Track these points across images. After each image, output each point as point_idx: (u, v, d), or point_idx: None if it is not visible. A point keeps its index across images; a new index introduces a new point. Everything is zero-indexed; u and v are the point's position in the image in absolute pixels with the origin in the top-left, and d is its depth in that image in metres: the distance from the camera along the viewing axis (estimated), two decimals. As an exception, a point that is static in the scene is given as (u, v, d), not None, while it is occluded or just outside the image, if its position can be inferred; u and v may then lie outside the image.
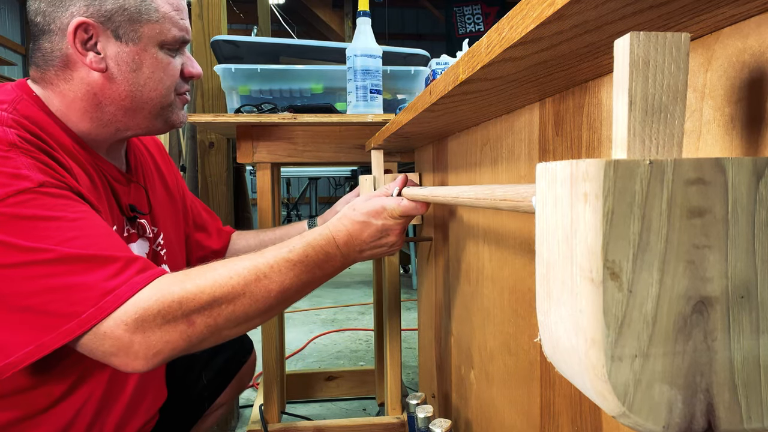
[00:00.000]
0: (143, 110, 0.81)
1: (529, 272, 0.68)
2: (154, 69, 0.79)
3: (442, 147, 1.11)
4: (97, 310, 0.60)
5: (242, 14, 6.08)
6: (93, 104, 0.77)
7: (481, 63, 0.45)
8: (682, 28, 0.35)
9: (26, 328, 0.61)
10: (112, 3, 0.75)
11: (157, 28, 0.78)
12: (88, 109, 0.77)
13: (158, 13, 0.78)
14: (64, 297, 0.60)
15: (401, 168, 1.41)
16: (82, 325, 0.60)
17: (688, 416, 0.25)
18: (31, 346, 0.61)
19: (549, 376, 0.64)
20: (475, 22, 5.68)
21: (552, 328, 0.28)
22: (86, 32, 0.74)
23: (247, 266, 0.69)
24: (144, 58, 0.78)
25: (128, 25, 0.76)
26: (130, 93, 0.78)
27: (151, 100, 0.80)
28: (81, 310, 0.60)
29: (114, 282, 0.62)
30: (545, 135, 0.63)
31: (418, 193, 0.75)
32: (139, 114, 0.81)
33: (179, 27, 0.81)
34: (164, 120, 0.84)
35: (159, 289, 0.63)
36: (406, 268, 4.64)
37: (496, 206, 0.43)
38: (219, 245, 1.14)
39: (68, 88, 0.76)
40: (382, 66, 1.35)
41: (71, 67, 0.76)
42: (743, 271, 0.25)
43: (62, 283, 0.60)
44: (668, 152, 0.26)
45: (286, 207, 6.26)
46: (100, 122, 0.79)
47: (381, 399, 1.81)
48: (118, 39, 0.76)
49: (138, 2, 0.76)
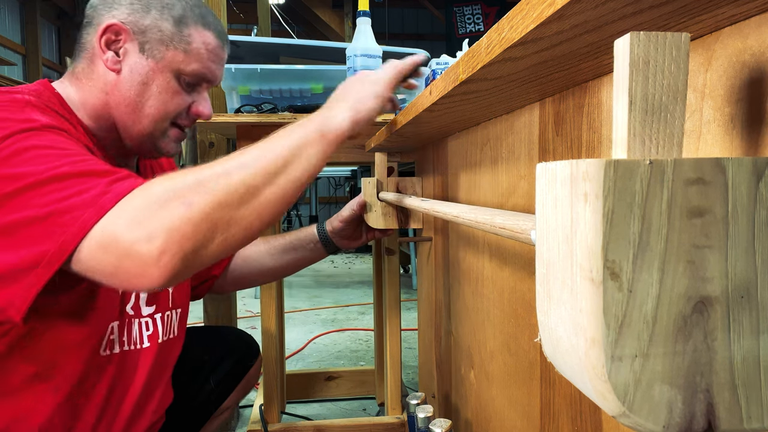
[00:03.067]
0: (139, 124, 0.82)
1: (529, 272, 0.68)
2: (162, 91, 0.82)
3: (442, 147, 1.11)
4: (94, 210, 0.58)
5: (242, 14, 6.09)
6: (102, 102, 0.81)
7: (481, 63, 0.45)
8: (682, 28, 0.35)
9: (29, 244, 0.60)
10: (151, 20, 0.80)
11: (181, 57, 0.81)
12: (98, 106, 0.81)
13: (189, 46, 0.82)
14: (60, 210, 0.59)
15: (401, 168, 1.41)
16: (83, 227, 0.58)
17: (688, 416, 0.25)
18: (37, 267, 0.59)
19: (549, 376, 0.64)
20: (475, 22, 5.68)
21: (552, 328, 0.28)
22: (116, 35, 0.79)
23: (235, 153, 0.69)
24: (157, 77, 0.81)
25: (156, 44, 0.80)
26: (133, 102, 0.81)
27: (148, 116, 0.82)
28: (78, 214, 0.58)
29: (107, 188, 0.61)
30: (545, 135, 0.63)
31: (419, 206, 0.76)
32: (134, 127, 0.83)
33: (203, 65, 0.84)
34: (152, 143, 0.85)
35: (148, 185, 0.61)
36: (406, 268, 4.63)
37: (495, 233, 0.43)
38: None
39: (87, 85, 0.81)
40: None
41: (94, 62, 0.80)
42: (743, 271, 0.25)
43: (57, 197, 0.60)
44: (668, 152, 0.26)
45: (286, 207, 6.25)
46: (106, 122, 0.82)
47: (381, 399, 1.81)
48: (142, 52, 0.80)
49: (173, 30, 0.81)
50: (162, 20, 0.80)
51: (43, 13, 6.36)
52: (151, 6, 0.80)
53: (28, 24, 6.09)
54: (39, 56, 6.14)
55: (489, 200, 0.82)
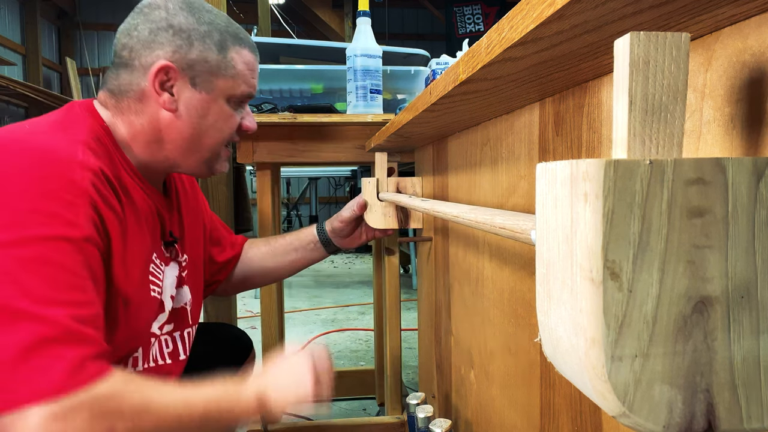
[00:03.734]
0: (197, 154, 0.85)
1: (529, 272, 0.68)
2: (218, 119, 0.84)
3: (442, 147, 1.11)
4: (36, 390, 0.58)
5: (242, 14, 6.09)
6: (155, 139, 0.82)
7: (481, 63, 0.45)
8: (682, 28, 0.35)
9: None
10: (197, 53, 0.80)
11: (230, 83, 0.83)
12: (150, 142, 0.82)
13: (235, 70, 0.83)
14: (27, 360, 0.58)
15: (401, 168, 1.41)
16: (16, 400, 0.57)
17: (688, 416, 0.25)
18: None
19: (549, 376, 0.64)
20: (475, 22, 5.68)
21: (552, 328, 0.28)
22: (167, 75, 0.79)
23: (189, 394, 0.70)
24: (212, 107, 0.83)
25: (206, 75, 0.81)
26: (191, 136, 0.83)
27: (207, 146, 0.85)
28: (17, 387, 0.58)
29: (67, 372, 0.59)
30: (545, 135, 0.63)
31: (419, 206, 0.76)
32: (192, 157, 0.85)
33: (249, 84, 0.86)
34: (209, 167, 0.88)
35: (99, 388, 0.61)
36: (406, 268, 4.64)
37: (495, 233, 0.43)
38: (232, 255, 1.14)
39: (136, 120, 0.81)
40: (382, 66, 1.35)
41: (144, 101, 0.80)
42: (743, 271, 0.25)
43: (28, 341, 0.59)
44: (668, 152, 0.26)
45: (286, 207, 6.26)
46: (156, 157, 0.83)
47: (381, 399, 1.81)
48: (193, 86, 0.81)
49: (219, 57, 0.81)
50: (206, 50, 0.80)
51: (43, 13, 6.36)
52: (193, 38, 0.79)
53: (28, 24, 6.09)
54: (39, 56, 6.14)
55: (489, 200, 0.82)
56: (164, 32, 0.78)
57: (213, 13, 0.83)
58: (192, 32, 0.79)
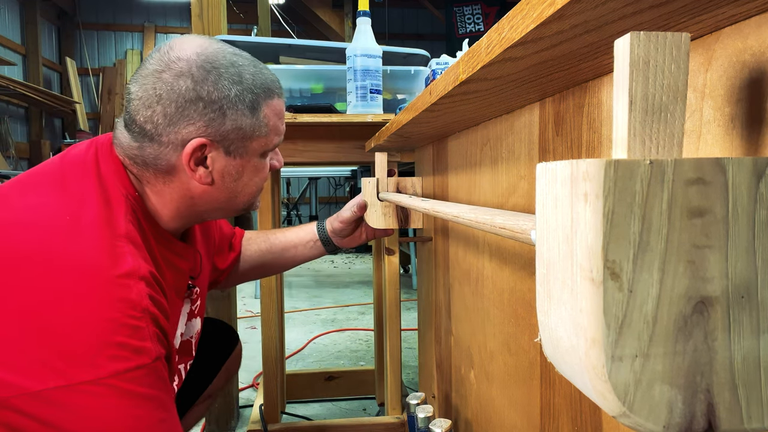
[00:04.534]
0: (232, 210, 0.83)
1: (529, 272, 0.68)
2: (253, 176, 0.81)
3: (442, 147, 1.11)
4: None
5: (242, 14, 6.09)
6: (188, 206, 0.79)
7: (481, 63, 0.45)
8: (682, 28, 0.35)
9: None
10: (231, 124, 0.73)
11: (264, 141, 0.79)
12: (182, 209, 0.79)
13: (267, 127, 0.78)
14: None
15: (401, 168, 1.41)
16: None
17: (689, 416, 0.25)
18: None
19: (549, 376, 0.64)
20: (475, 22, 5.69)
21: (552, 328, 0.28)
22: (201, 151, 0.73)
23: None
24: (247, 167, 0.79)
25: (240, 142, 0.76)
26: (227, 199, 0.80)
27: (243, 202, 0.83)
28: None
29: None
30: (545, 135, 0.63)
31: (419, 206, 0.76)
32: (227, 212, 0.84)
33: (279, 133, 0.82)
34: (245, 212, 0.86)
35: None
36: (406, 268, 4.64)
37: (495, 233, 0.43)
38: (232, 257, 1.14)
39: (165, 190, 0.76)
40: (382, 66, 1.35)
41: (174, 174, 0.75)
42: (743, 271, 0.25)
43: None
44: (668, 152, 0.26)
45: (286, 207, 6.26)
46: (189, 219, 0.81)
47: (381, 399, 1.81)
48: (228, 155, 0.76)
49: (252, 120, 0.75)
50: (240, 117, 0.74)
51: (43, 13, 6.36)
52: (225, 108, 0.72)
53: (28, 24, 6.09)
54: (39, 56, 6.14)
55: (489, 200, 0.82)
56: (193, 105, 0.71)
57: (238, 66, 0.74)
58: (223, 101, 0.72)
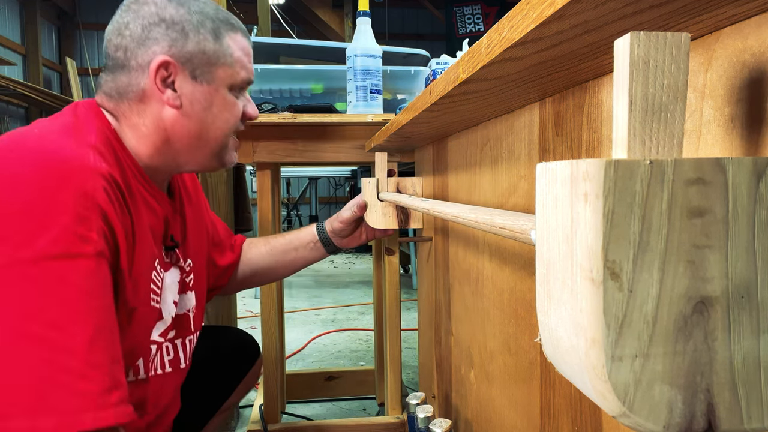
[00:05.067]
0: (205, 148, 0.84)
1: (529, 272, 0.68)
2: (222, 109, 0.83)
3: (442, 147, 1.11)
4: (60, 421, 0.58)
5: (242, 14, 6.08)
6: (162, 139, 0.80)
7: (481, 63, 0.45)
8: (682, 28, 0.35)
9: None
10: (193, 45, 0.78)
11: (230, 71, 0.82)
12: (158, 143, 0.80)
13: (232, 57, 0.82)
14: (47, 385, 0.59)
15: (401, 168, 1.41)
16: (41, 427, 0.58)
17: (689, 416, 0.25)
18: None
19: (549, 376, 0.64)
20: (475, 22, 5.69)
21: (552, 328, 0.28)
22: (167, 70, 0.77)
23: None
24: (215, 98, 0.81)
25: (205, 66, 0.79)
26: (198, 131, 0.81)
27: (215, 138, 0.84)
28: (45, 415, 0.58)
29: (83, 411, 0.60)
30: (545, 135, 0.63)
31: (419, 206, 0.76)
32: (201, 151, 0.84)
33: (247, 70, 0.85)
34: (219, 160, 0.87)
35: None
36: (406, 268, 4.64)
37: (495, 233, 0.43)
38: (232, 257, 1.14)
39: (140, 122, 0.79)
40: (382, 66, 1.35)
41: (146, 101, 0.78)
42: (743, 271, 0.25)
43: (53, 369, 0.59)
44: (668, 152, 0.26)
45: (286, 207, 6.25)
46: (165, 157, 0.82)
47: (381, 399, 1.81)
48: (194, 79, 0.79)
49: (215, 46, 0.80)
50: (203, 41, 0.79)
51: (43, 13, 6.36)
52: (187, 29, 0.78)
53: (28, 24, 6.09)
54: (39, 56, 6.13)
55: (489, 200, 0.82)
56: (157, 27, 0.76)
57: (201, 1, 0.81)
58: (185, 23, 0.77)
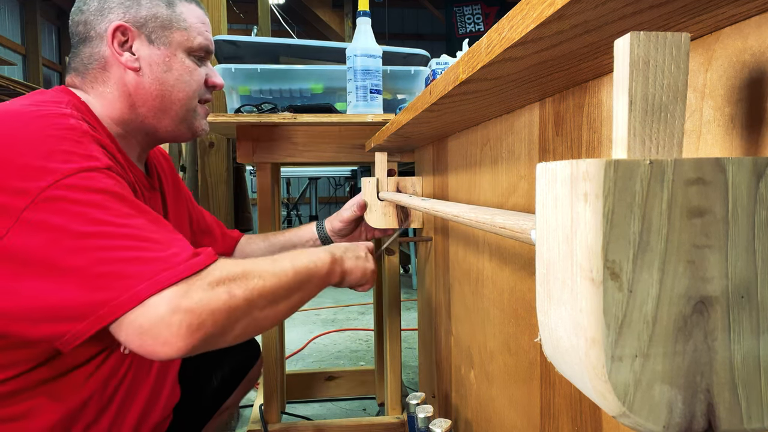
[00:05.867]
0: (170, 111, 0.86)
1: (529, 272, 0.68)
2: (182, 72, 0.86)
3: (442, 147, 1.11)
4: (157, 280, 0.62)
5: (242, 14, 6.08)
6: (128, 105, 0.83)
7: (481, 63, 0.45)
8: (682, 28, 0.35)
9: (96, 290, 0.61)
10: (146, 10, 0.83)
11: (185, 35, 0.86)
12: (124, 110, 0.83)
13: (186, 22, 0.86)
14: (128, 272, 0.62)
15: (401, 168, 1.41)
16: (138, 295, 0.61)
17: (689, 416, 0.25)
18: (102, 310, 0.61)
19: (549, 376, 0.64)
20: (475, 22, 5.68)
21: (552, 328, 0.28)
22: (123, 35, 0.82)
23: (272, 257, 0.78)
24: (173, 61, 0.85)
25: (160, 30, 0.84)
26: (160, 93, 0.84)
27: (179, 101, 0.86)
28: (135, 283, 0.61)
29: (170, 262, 0.64)
30: (545, 135, 0.63)
31: (419, 206, 0.76)
32: (166, 116, 0.86)
33: (204, 36, 0.89)
34: (188, 126, 0.89)
35: (208, 267, 0.67)
36: (406, 268, 4.64)
37: (495, 232, 0.43)
38: (224, 249, 1.14)
39: (107, 91, 0.83)
40: (382, 66, 1.35)
41: (108, 68, 0.82)
42: (743, 271, 0.25)
43: (128, 256, 0.62)
44: (668, 152, 0.26)
45: (286, 207, 6.25)
46: (133, 124, 0.85)
47: (381, 399, 1.81)
48: (150, 43, 0.83)
49: (168, 12, 0.85)
50: (155, 7, 0.83)
51: (43, 13, 6.35)
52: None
53: (28, 24, 6.09)
54: (39, 56, 6.13)
55: (489, 200, 0.82)
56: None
57: None
58: None
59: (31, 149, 0.63)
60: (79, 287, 0.61)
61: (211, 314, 0.63)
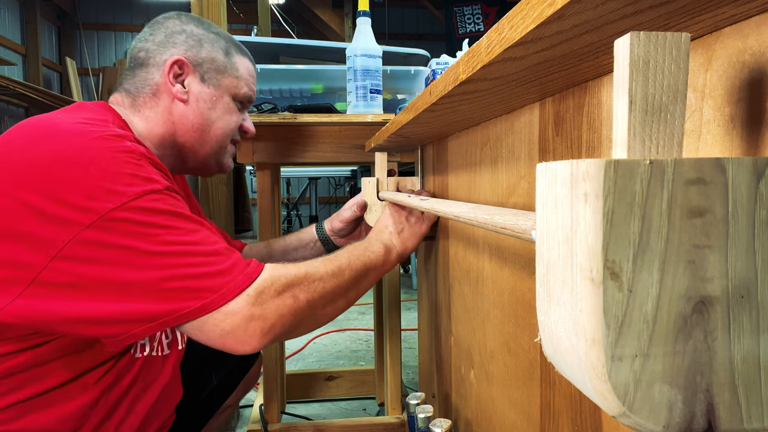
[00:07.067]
0: (207, 144, 0.93)
1: (529, 272, 0.68)
2: (224, 112, 0.94)
3: (442, 147, 1.11)
4: (227, 291, 0.68)
5: (242, 14, 6.08)
6: (169, 131, 0.90)
7: (481, 63, 0.45)
8: (682, 28, 0.35)
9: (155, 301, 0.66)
10: (206, 53, 0.91)
11: (235, 82, 0.94)
12: (165, 135, 0.89)
13: (238, 72, 0.95)
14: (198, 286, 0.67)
15: (401, 168, 1.41)
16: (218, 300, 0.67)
17: (688, 416, 0.25)
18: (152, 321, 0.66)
19: (549, 376, 0.64)
20: (475, 22, 5.68)
21: (552, 328, 0.28)
22: (180, 68, 0.89)
23: (328, 257, 0.84)
24: (219, 101, 0.93)
25: (213, 72, 0.92)
26: (201, 126, 0.91)
27: (216, 136, 0.94)
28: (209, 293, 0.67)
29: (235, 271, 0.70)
30: (545, 135, 0.63)
31: (419, 205, 0.76)
32: (202, 148, 0.93)
33: (250, 88, 0.98)
34: (217, 161, 0.97)
35: (269, 273, 0.73)
36: (406, 268, 4.64)
37: (496, 231, 0.43)
38: None
39: (152, 115, 0.89)
40: (382, 66, 1.35)
41: (158, 95, 0.89)
42: (743, 270, 0.25)
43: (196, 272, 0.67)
44: (668, 152, 0.26)
45: (286, 207, 6.25)
46: (168, 149, 0.91)
47: (381, 399, 1.81)
48: (202, 81, 0.91)
49: (225, 59, 0.93)
50: (214, 52, 0.92)
51: (43, 13, 6.35)
52: (203, 41, 0.91)
53: (28, 24, 6.09)
54: (39, 56, 6.13)
55: (489, 200, 0.82)
56: (178, 35, 0.89)
57: (219, 29, 0.95)
58: (202, 37, 0.91)
59: (98, 171, 0.66)
60: (147, 298, 0.65)
61: (279, 318, 0.71)
